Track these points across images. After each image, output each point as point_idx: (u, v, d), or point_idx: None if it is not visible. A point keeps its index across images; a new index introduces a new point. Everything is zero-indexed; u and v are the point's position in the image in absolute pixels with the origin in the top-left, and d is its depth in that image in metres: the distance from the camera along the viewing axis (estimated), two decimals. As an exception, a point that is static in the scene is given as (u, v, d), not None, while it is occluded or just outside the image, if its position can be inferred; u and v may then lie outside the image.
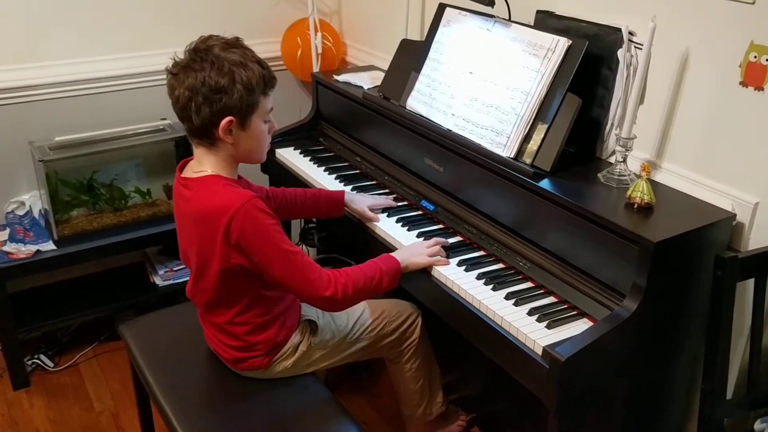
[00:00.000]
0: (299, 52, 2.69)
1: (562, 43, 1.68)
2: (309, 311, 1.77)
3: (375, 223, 1.91)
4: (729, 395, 1.56)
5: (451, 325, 1.66)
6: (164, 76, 2.29)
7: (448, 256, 1.73)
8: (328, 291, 1.56)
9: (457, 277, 1.65)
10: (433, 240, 1.76)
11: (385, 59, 2.54)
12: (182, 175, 1.63)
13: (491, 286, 1.61)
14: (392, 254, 1.71)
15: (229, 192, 1.53)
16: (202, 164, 1.59)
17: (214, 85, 1.47)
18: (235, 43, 1.54)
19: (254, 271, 1.55)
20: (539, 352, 1.41)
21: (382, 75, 2.35)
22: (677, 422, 1.76)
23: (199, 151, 1.59)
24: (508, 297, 1.57)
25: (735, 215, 1.53)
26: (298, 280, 1.55)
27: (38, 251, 2.33)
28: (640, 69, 1.59)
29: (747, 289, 1.53)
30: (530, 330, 1.46)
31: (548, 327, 1.47)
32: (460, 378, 2.30)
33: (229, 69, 1.48)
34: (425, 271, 1.71)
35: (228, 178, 1.58)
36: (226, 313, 1.64)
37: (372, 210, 1.93)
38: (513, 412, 2.13)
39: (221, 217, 1.49)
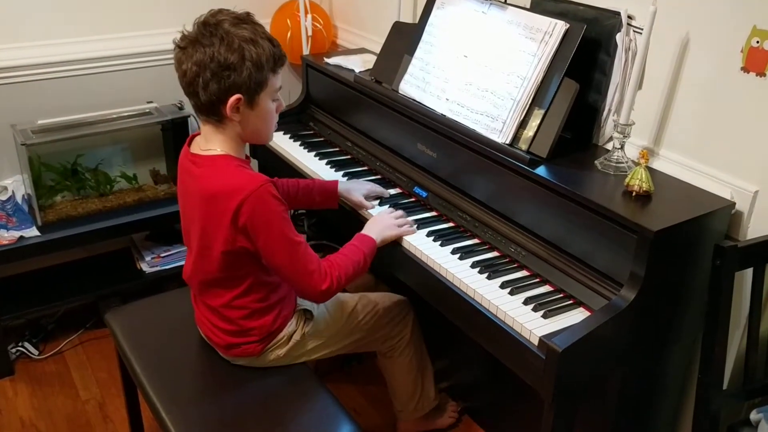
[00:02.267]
0: (289, 35, 2.63)
1: (560, 26, 1.64)
2: (304, 301, 1.74)
3: (368, 210, 1.88)
4: (725, 385, 1.55)
5: (446, 315, 1.63)
6: (151, 58, 2.24)
7: (442, 244, 1.70)
8: (325, 284, 1.56)
9: (452, 266, 1.62)
10: (399, 212, 1.80)
11: (376, 42, 2.50)
12: (191, 151, 1.58)
13: (486, 275, 1.59)
14: (365, 232, 1.72)
15: (242, 174, 1.50)
16: (210, 142, 1.55)
17: (223, 61, 1.43)
18: (246, 19, 1.50)
19: (257, 255, 1.53)
20: (535, 342, 1.39)
21: (373, 58, 2.31)
22: (672, 411, 1.75)
23: (206, 129, 1.55)
24: (503, 286, 1.55)
25: (734, 204, 1.51)
26: (298, 271, 1.54)
27: (21, 237, 2.27)
28: (639, 54, 1.56)
29: (745, 278, 1.51)
30: (526, 320, 1.44)
31: (544, 317, 1.45)
32: (451, 366, 2.28)
33: (239, 45, 1.44)
34: (418, 259, 1.69)
35: (239, 159, 1.55)
36: (224, 295, 1.61)
37: (368, 197, 1.89)
38: (504, 400, 2.12)
39: (232, 199, 1.45)
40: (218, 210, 1.48)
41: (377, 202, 1.90)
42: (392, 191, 1.97)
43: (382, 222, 1.75)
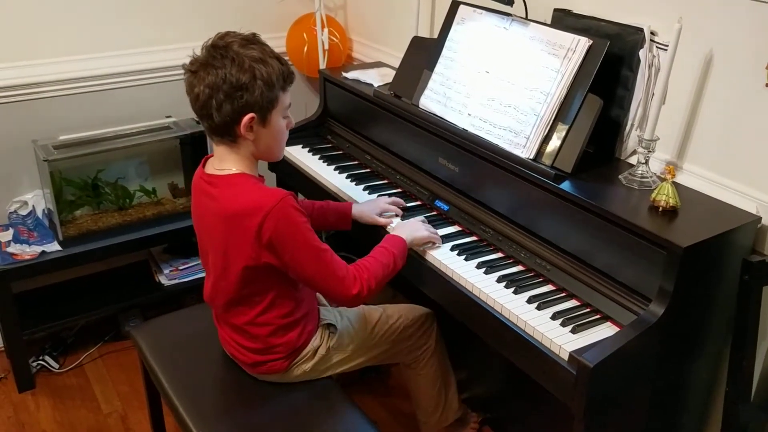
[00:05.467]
0: (305, 48, 2.65)
1: (583, 42, 1.66)
2: (327, 315, 1.76)
3: (386, 227, 1.88)
4: (751, 398, 1.56)
5: (473, 330, 1.64)
6: (169, 73, 2.26)
7: (466, 258, 1.72)
8: (355, 288, 1.57)
9: (478, 281, 1.63)
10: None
11: (392, 55, 2.52)
12: (205, 172, 1.60)
13: (512, 289, 1.60)
14: (395, 233, 1.74)
15: (262, 190, 1.53)
16: (225, 162, 1.56)
17: (236, 82, 1.46)
18: (253, 39, 1.53)
19: (283, 270, 1.54)
20: (565, 357, 1.40)
21: (390, 72, 2.33)
22: (699, 423, 1.76)
23: (220, 149, 1.57)
24: (530, 301, 1.56)
25: (760, 218, 1.52)
26: (327, 279, 1.55)
27: (43, 252, 2.29)
28: (663, 70, 1.58)
29: (771, 292, 1.52)
30: (555, 335, 1.45)
31: (573, 332, 1.46)
32: (471, 377, 2.29)
33: (250, 65, 1.47)
34: (443, 274, 1.70)
35: (255, 176, 1.57)
36: (248, 313, 1.62)
37: (383, 214, 1.90)
38: (525, 411, 2.13)
39: (254, 216, 1.47)
40: (240, 228, 1.50)
41: (396, 219, 1.91)
42: (413, 204, 1.99)
43: (411, 224, 1.78)
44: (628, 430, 1.61)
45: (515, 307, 1.54)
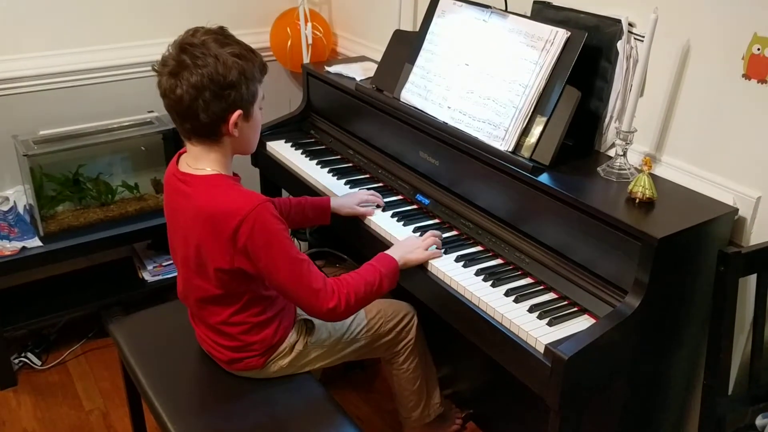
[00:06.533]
0: (289, 43, 2.64)
1: (561, 34, 1.65)
2: (304, 310, 1.74)
3: (369, 217, 1.88)
4: (730, 390, 1.55)
5: (450, 323, 1.63)
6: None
7: (445, 252, 1.71)
8: (332, 302, 1.53)
9: (456, 274, 1.63)
10: (428, 233, 1.74)
11: (376, 50, 2.51)
12: (179, 169, 1.57)
13: (490, 283, 1.59)
14: (388, 252, 1.68)
15: (239, 193, 1.49)
16: (200, 161, 1.53)
17: (223, 80, 1.43)
18: (226, 34, 1.50)
19: (257, 276, 1.52)
20: (541, 350, 1.39)
21: (374, 66, 2.32)
22: (677, 416, 1.76)
23: (197, 149, 1.53)
24: (507, 294, 1.55)
25: (737, 210, 1.52)
26: (302, 290, 1.51)
27: (24, 248, 2.27)
28: (641, 61, 1.57)
29: (749, 284, 1.51)
30: (531, 328, 1.44)
31: (549, 324, 1.45)
32: (455, 373, 2.28)
33: (234, 62, 1.44)
34: (422, 268, 1.69)
35: (231, 177, 1.55)
36: (221, 313, 1.60)
37: (362, 204, 1.89)
38: (509, 406, 2.12)
39: (230, 220, 1.45)
40: (215, 230, 1.47)
41: (380, 209, 1.91)
42: (394, 198, 1.98)
43: (408, 243, 1.71)
44: (606, 423, 1.60)
45: (492, 300, 1.53)
